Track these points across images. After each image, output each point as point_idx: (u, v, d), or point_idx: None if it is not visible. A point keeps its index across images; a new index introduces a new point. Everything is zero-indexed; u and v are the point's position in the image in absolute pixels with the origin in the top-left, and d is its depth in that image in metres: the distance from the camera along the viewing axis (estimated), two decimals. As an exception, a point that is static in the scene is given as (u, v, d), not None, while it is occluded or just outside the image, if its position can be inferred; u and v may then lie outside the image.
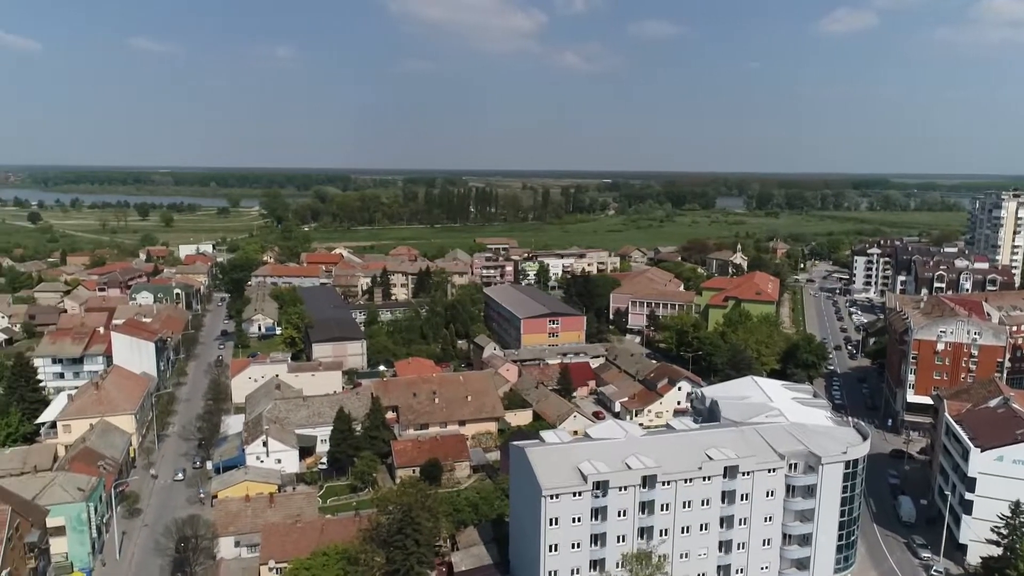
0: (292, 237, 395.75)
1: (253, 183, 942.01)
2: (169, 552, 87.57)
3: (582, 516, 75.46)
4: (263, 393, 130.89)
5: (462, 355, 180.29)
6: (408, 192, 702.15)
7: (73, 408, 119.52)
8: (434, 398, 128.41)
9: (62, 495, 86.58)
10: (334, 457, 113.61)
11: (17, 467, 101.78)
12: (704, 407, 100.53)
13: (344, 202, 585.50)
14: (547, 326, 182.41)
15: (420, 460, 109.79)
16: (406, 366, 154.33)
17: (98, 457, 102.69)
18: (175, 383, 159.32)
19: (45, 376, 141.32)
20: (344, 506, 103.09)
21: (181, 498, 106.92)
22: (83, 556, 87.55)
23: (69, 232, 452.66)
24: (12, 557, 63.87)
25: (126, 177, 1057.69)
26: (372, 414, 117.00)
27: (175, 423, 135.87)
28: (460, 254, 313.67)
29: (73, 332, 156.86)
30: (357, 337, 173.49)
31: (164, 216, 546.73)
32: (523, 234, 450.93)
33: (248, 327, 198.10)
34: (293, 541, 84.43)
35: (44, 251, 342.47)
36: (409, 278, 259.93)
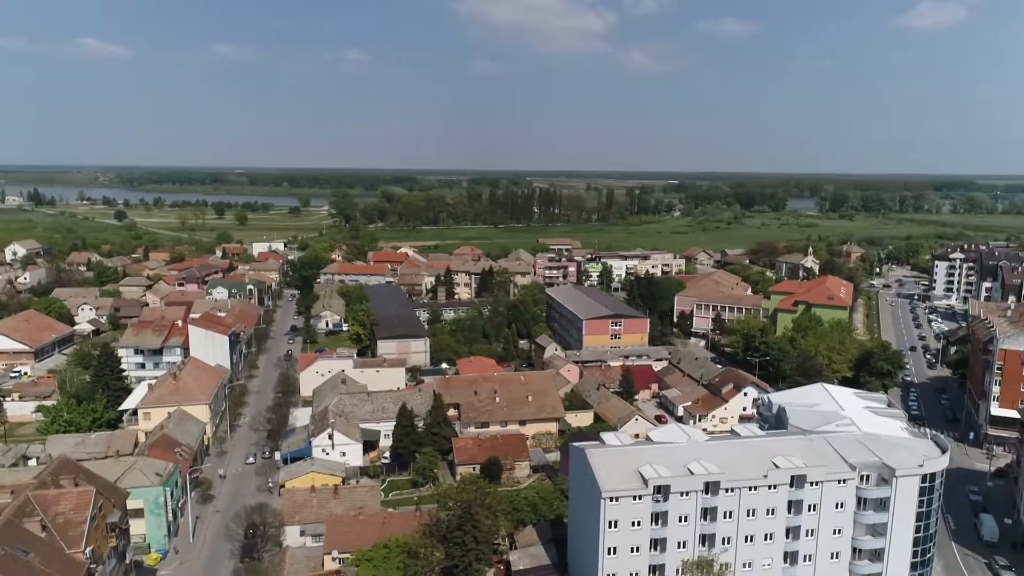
0: (359, 236, 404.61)
1: (323, 183, 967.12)
2: (238, 538, 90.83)
3: (642, 520, 74.46)
4: (329, 387, 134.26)
5: (523, 355, 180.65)
6: (472, 192, 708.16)
7: (153, 397, 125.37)
8: (495, 397, 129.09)
9: (141, 479, 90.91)
10: (396, 452, 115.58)
11: (101, 451, 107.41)
12: (771, 414, 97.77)
13: (410, 202, 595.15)
14: (609, 328, 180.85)
15: (480, 458, 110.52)
16: (468, 364, 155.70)
17: (175, 444, 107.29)
18: (247, 376, 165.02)
19: (128, 366, 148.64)
20: (405, 500, 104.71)
21: (251, 487, 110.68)
22: (159, 538, 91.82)
23: (152, 230, 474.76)
24: (95, 535, 67.36)
25: (205, 177, 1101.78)
26: (434, 411, 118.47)
27: (246, 414, 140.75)
28: (523, 254, 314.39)
29: (154, 324, 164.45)
30: (421, 335, 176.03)
31: (239, 215, 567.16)
32: (586, 235, 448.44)
33: (316, 323, 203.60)
34: (356, 532, 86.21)
35: (129, 247, 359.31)
36: (472, 278, 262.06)
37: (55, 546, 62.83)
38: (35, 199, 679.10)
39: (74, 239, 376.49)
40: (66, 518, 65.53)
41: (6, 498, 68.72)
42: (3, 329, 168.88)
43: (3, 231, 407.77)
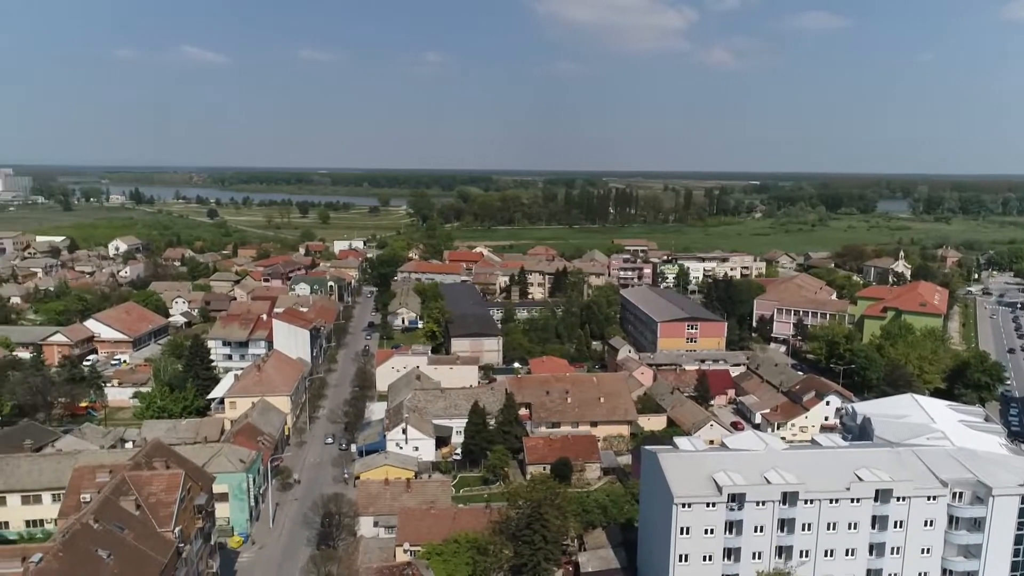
0: (436, 235, 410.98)
1: (402, 184, 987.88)
2: (315, 525, 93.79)
3: (715, 528, 72.69)
4: (404, 383, 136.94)
5: (596, 356, 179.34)
6: (548, 193, 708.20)
7: (238, 387, 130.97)
8: (567, 397, 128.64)
9: (226, 465, 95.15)
10: (468, 449, 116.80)
11: (191, 436, 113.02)
12: (855, 424, 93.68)
13: (486, 202, 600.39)
14: (685, 331, 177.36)
15: (551, 458, 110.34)
16: (540, 364, 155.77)
17: (258, 433, 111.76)
18: (326, 369, 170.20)
19: (216, 356, 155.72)
20: (475, 497, 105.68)
21: (328, 477, 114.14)
22: (242, 522, 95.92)
23: (240, 227, 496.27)
24: (184, 516, 70.92)
25: (290, 178, 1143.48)
26: (506, 409, 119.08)
27: (325, 406, 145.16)
28: (597, 255, 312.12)
29: (241, 318, 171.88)
30: (494, 334, 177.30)
31: (321, 214, 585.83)
32: (663, 236, 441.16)
33: (393, 320, 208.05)
34: (427, 526, 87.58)
35: (219, 244, 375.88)
36: (546, 278, 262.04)
37: (147, 524, 66.45)
38: (136, 198, 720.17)
39: (170, 236, 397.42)
40: (158, 498, 69.20)
41: (105, 477, 73.16)
42: (105, 319, 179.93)
43: (107, 228, 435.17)
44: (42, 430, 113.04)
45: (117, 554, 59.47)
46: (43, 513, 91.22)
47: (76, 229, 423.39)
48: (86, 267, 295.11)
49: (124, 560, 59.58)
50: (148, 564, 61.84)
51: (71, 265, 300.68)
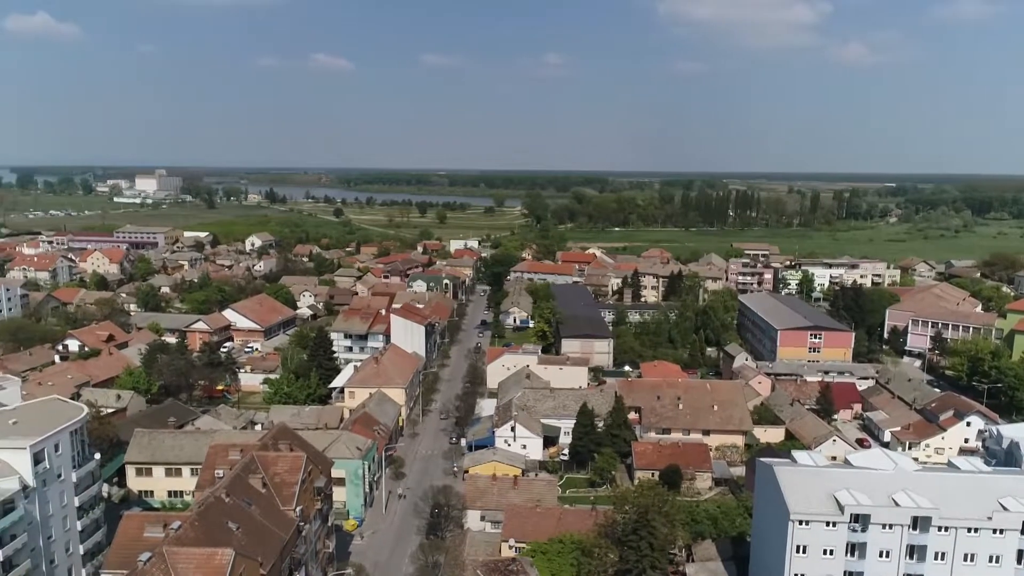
0: (549, 236, 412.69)
1: (517, 184, 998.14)
2: (425, 515, 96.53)
3: (835, 549, 68.61)
4: (514, 381, 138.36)
5: (710, 363, 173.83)
6: (664, 194, 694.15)
7: (357, 378, 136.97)
8: (678, 403, 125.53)
9: (344, 451, 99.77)
10: (575, 450, 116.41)
11: (313, 422, 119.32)
12: (1000, 448, 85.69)
13: (600, 203, 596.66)
14: (808, 340, 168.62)
15: (660, 464, 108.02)
16: (652, 368, 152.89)
17: (374, 422, 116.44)
18: (439, 364, 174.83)
19: (338, 348, 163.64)
20: (581, 499, 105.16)
21: (438, 470, 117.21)
22: (357, 506, 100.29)
23: (363, 226, 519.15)
24: (304, 497, 75.06)
25: (410, 178, 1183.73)
26: (615, 412, 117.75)
27: (437, 400, 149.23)
28: (715, 259, 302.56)
29: (361, 312, 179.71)
30: (605, 336, 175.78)
31: (439, 214, 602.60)
32: (786, 240, 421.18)
33: (504, 318, 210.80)
34: (532, 524, 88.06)
35: (344, 242, 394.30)
36: (660, 281, 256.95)
37: (272, 502, 70.82)
38: (271, 197, 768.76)
39: (300, 233, 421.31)
40: (282, 479, 73.57)
41: (236, 455, 78.66)
42: (241, 310, 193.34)
43: (245, 225, 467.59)
44: (184, 409, 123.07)
45: (245, 527, 63.73)
46: (183, 485, 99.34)
47: (218, 226, 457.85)
48: (225, 261, 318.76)
49: (251, 533, 63.75)
50: (272, 539, 65.86)
51: (213, 259, 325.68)
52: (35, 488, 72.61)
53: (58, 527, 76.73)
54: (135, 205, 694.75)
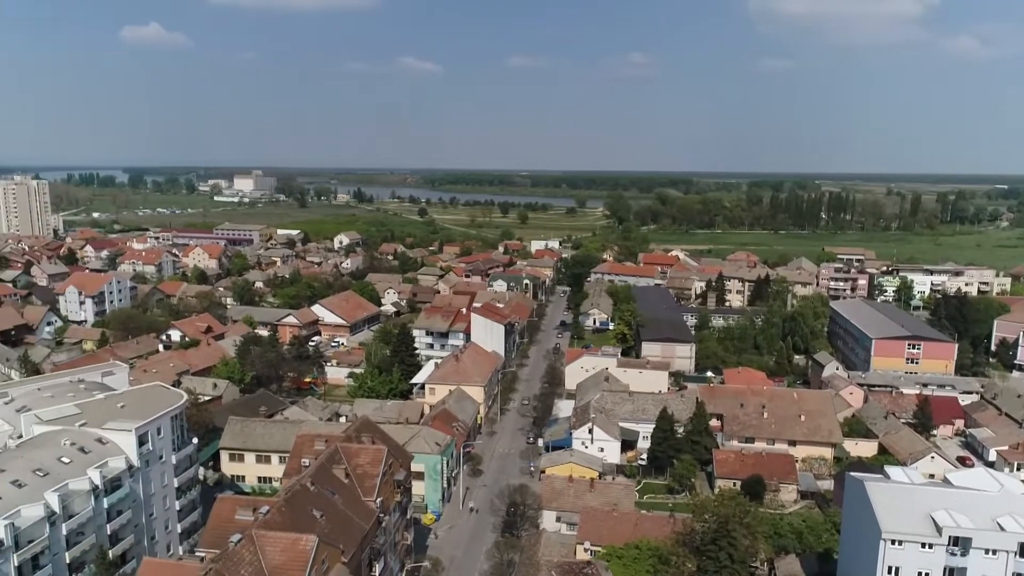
0: (631, 237, 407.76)
1: (599, 185, 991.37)
2: (501, 513, 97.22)
3: (931, 572, 64.75)
4: (592, 383, 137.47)
5: (798, 371, 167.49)
6: (752, 196, 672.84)
7: (438, 375, 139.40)
8: (763, 412, 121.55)
9: (424, 446, 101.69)
10: (654, 455, 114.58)
11: (394, 417, 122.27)
12: (1124, 474, 78.48)
13: (685, 205, 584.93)
14: (905, 350, 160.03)
15: (742, 474, 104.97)
16: (735, 375, 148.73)
17: (453, 419, 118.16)
18: (518, 364, 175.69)
19: (420, 345, 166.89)
20: (659, 505, 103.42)
21: (515, 468, 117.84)
22: (435, 501, 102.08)
23: (446, 226, 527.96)
24: (385, 489, 77.02)
25: (493, 179, 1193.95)
26: (696, 419, 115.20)
27: (515, 399, 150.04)
28: (805, 263, 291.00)
29: (443, 310, 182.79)
30: (687, 340, 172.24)
31: (521, 214, 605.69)
32: (883, 245, 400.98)
33: (584, 320, 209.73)
34: (609, 528, 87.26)
35: (427, 241, 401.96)
36: (746, 285, 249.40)
37: (354, 492, 72.99)
38: (358, 197, 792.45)
39: (385, 232, 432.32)
40: (364, 470, 75.71)
41: (321, 445, 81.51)
42: (328, 305, 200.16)
43: (334, 224, 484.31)
44: (274, 399, 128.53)
45: (328, 515, 65.96)
46: (271, 472, 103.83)
47: (309, 224, 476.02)
48: (315, 258, 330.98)
49: (334, 522, 65.93)
50: (353, 528, 67.91)
51: (303, 256, 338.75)
52: (139, 468, 77.63)
53: (159, 506, 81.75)
54: (233, 204, 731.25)
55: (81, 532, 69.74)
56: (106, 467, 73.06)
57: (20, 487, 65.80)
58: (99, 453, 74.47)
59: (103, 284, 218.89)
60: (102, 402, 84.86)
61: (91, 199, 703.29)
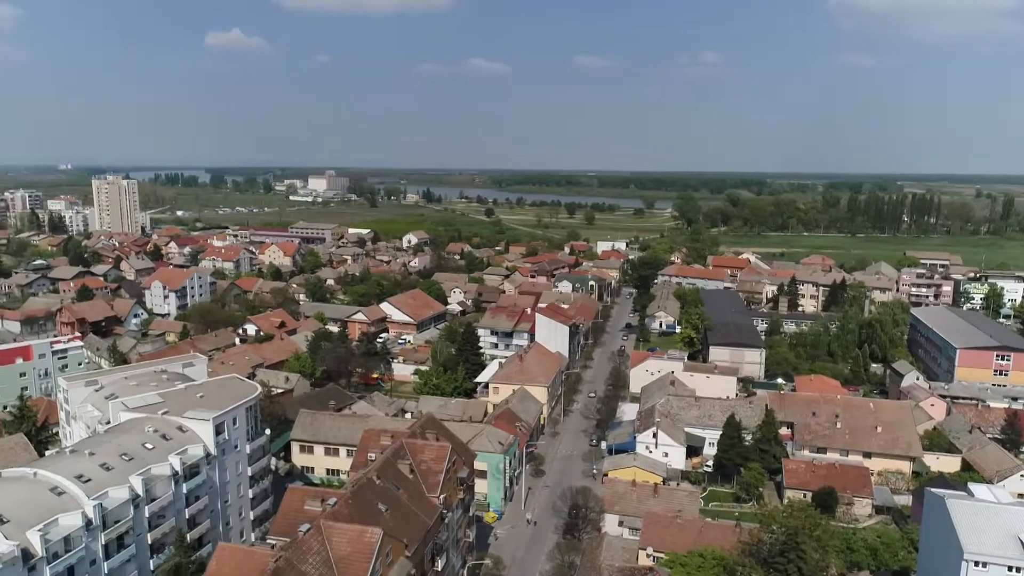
0: (700, 239, 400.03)
1: (668, 186, 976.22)
2: (563, 515, 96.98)
3: (1019, 598, 61.11)
4: (657, 387, 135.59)
5: (875, 380, 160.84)
6: (829, 198, 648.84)
7: (501, 374, 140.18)
8: (836, 422, 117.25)
9: (487, 445, 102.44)
10: (720, 462, 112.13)
11: (458, 415, 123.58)
12: None
13: (757, 206, 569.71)
14: (993, 361, 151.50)
15: (813, 485, 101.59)
16: (807, 382, 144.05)
17: (516, 419, 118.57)
18: (582, 365, 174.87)
19: (484, 344, 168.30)
20: (725, 513, 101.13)
21: (577, 470, 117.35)
22: (497, 499, 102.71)
23: (513, 226, 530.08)
24: (448, 486, 78.00)
25: (560, 179, 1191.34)
26: (765, 426, 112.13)
27: (578, 401, 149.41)
28: (884, 268, 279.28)
29: (507, 310, 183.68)
30: (756, 345, 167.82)
31: (587, 215, 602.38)
32: (971, 250, 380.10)
33: (650, 322, 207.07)
34: (672, 534, 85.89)
35: (493, 241, 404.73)
36: (820, 289, 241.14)
37: (418, 488, 74.18)
38: (427, 197, 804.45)
39: (452, 232, 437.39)
40: (428, 466, 76.87)
41: (387, 440, 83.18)
42: (396, 303, 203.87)
43: (403, 223, 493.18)
44: (343, 394, 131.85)
45: (393, 509, 67.27)
46: (339, 464, 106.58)
47: (378, 223, 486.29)
48: (384, 257, 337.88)
49: (398, 516, 67.20)
50: (417, 523, 69.04)
51: (373, 254, 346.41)
52: (216, 456, 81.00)
53: (233, 493, 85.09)
54: (307, 203, 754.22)
55: (162, 515, 73.32)
56: (186, 454, 76.60)
57: (108, 470, 69.66)
58: (179, 440, 78.13)
59: (185, 279, 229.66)
60: (183, 392, 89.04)
61: (176, 198, 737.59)
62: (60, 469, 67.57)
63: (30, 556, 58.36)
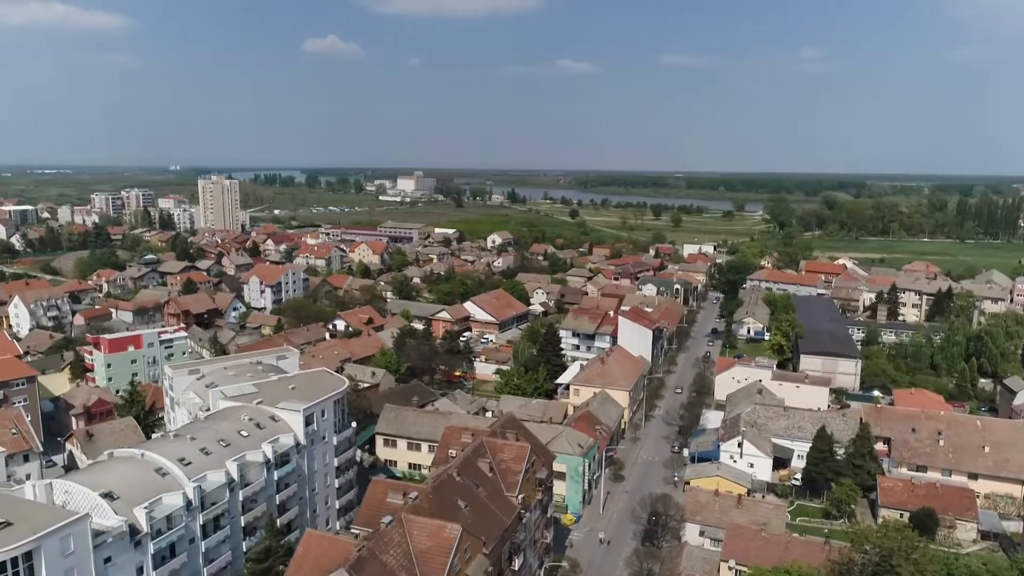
0: (793, 244, 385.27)
1: (760, 188, 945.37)
2: (642, 522, 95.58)
3: None
4: (744, 395, 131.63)
5: (984, 396, 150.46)
6: (935, 201, 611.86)
7: (582, 376, 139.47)
8: (938, 439, 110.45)
9: (566, 447, 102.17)
10: (809, 476, 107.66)
11: (538, 415, 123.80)
12: None
13: (855, 209, 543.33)
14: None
15: (911, 505, 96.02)
16: (907, 396, 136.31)
17: (596, 422, 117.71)
18: (665, 371, 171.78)
19: (566, 346, 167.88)
20: (814, 530, 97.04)
21: (658, 477, 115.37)
22: (575, 502, 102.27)
23: (597, 227, 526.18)
24: (527, 486, 78.26)
25: (647, 180, 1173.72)
26: (859, 441, 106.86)
27: (661, 407, 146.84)
28: (997, 276, 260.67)
29: (590, 312, 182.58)
30: (852, 355, 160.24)
31: (674, 217, 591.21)
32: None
33: (737, 328, 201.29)
34: (756, 548, 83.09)
35: (577, 242, 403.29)
36: (923, 298, 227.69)
37: (497, 486, 74.78)
38: (512, 197, 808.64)
39: (536, 232, 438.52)
40: (507, 466, 77.36)
41: (468, 438, 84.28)
42: (479, 303, 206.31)
43: (488, 223, 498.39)
44: (425, 390, 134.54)
45: (472, 507, 68.09)
46: (421, 459, 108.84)
47: (464, 223, 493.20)
48: (469, 256, 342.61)
49: (477, 513, 67.97)
50: (495, 521, 69.62)
51: (458, 254, 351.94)
52: (305, 446, 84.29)
53: (320, 482, 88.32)
54: (396, 203, 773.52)
55: (254, 500, 76.93)
56: (277, 443, 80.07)
57: (207, 454, 73.69)
58: (272, 429, 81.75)
59: (280, 275, 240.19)
60: (276, 383, 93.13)
61: (273, 197, 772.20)
62: (165, 451, 71.99)
63: (136, 532, 62.46)
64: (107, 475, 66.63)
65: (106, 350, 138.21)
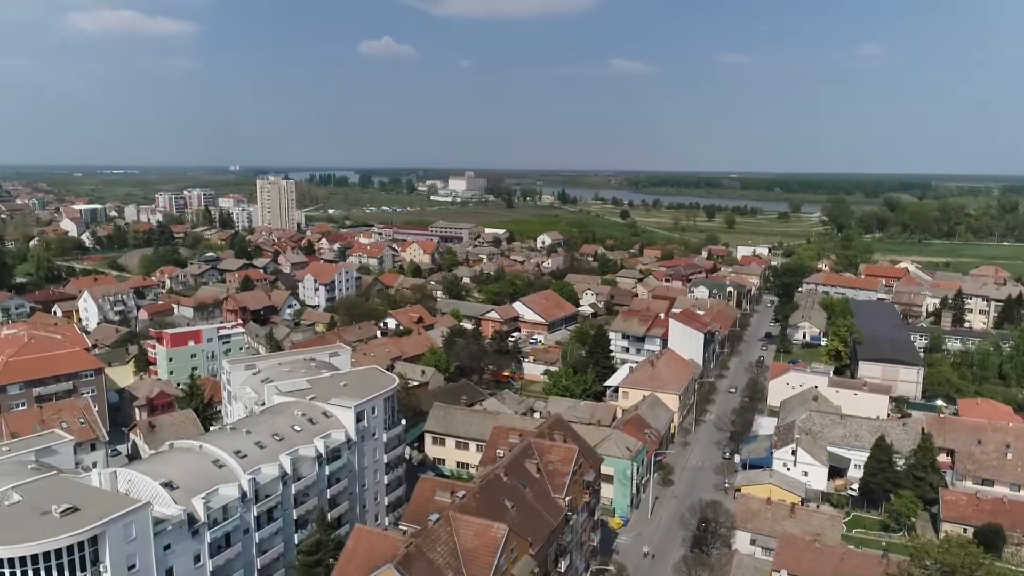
0: (852, 246, 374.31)
1: (817, 189, 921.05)
2: (691, 528, 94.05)
3: None
4: (799, 401, 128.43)
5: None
6: (1006, 202, 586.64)
7: (632, 379, 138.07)
8: (1007, 452, 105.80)
9: (614, 450, 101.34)
10: (866, 486, 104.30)
11: (586, 417, 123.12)
12: None
13: (918, 211, 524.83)
14: None
15: (976, 520, 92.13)
16: (972, 407, 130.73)
17: (645, 425, 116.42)
18: (716, 375, 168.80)
19: (615, 348, 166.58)
20: (870, 542, 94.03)
21: (708, 483, 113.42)
22: (623, 506, 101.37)
23: (648, 228, 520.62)
24: (574, 488, 77.91)
25: (699, 181, 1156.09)
26: (920, 452, 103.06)
27: (712, 411, 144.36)
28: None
29: (640, 314, 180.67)
30: (913, 363, 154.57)
31: (728, 218, 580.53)
32: None
33: (792, 333, 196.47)
34: (810, 559, 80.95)
35: (628, 243, 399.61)
36: (992, 304, 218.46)
37: (544, 488, 74.65)
38: (562, 198, 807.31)
39: (586, 233, 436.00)
40: (554, 467, 77.16)
41: (516, 439, 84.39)
42: (528, 303, 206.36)
43: (538, 224, 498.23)
44: (474, 390, 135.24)
45: (519, 507, 68.15)
46: (469, 458, 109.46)
47: (514, 224, 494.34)
48: (518, 257, 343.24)
49: (523, 514, 67.99)
50: (542, 522, 69.53)
51: (508, 254, 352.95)
52: (356, 442, 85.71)
53: (370, 478, 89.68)
54: (447, 203, 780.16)
55: (306, 493, 78.57)
56: (329, 438, 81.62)
57: (261, 448, 75.62)
58: (324, 425, 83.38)
59: (334, 274, 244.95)
60: (328, 380, 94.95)
61: (327, 197, 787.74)
62: (221, 444, 74.16)
63: (194, 521, 64.52)
64: (167, 465, 69.02)
65: (168, 344, 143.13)
